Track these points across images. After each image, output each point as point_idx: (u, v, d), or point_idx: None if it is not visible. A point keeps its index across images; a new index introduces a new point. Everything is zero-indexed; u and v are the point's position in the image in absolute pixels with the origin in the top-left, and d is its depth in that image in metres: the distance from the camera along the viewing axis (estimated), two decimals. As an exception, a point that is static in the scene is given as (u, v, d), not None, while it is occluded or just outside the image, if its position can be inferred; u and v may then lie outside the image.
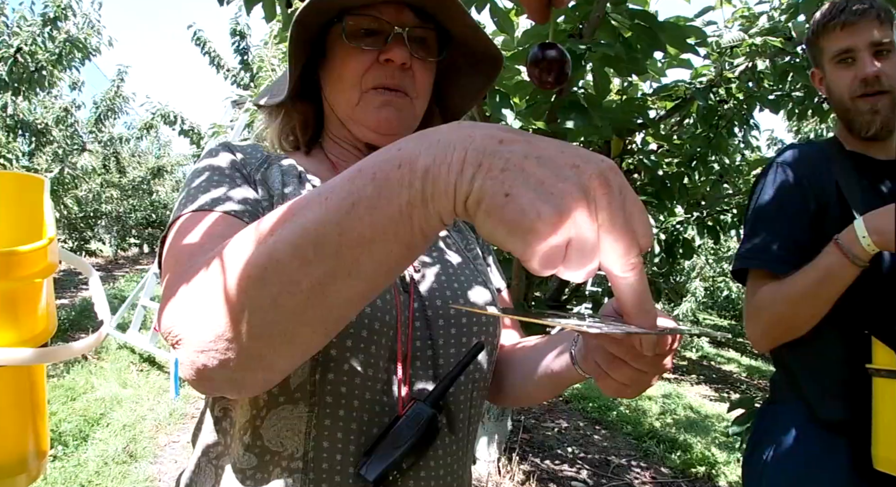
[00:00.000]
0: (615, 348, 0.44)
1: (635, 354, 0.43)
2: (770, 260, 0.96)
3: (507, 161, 0.29)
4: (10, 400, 0.46)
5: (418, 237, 0.33)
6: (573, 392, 5.10)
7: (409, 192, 0.32)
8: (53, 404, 3.38)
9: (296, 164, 0.63)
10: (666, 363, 0.44)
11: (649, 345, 0.41)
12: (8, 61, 4.93)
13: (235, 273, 0.36)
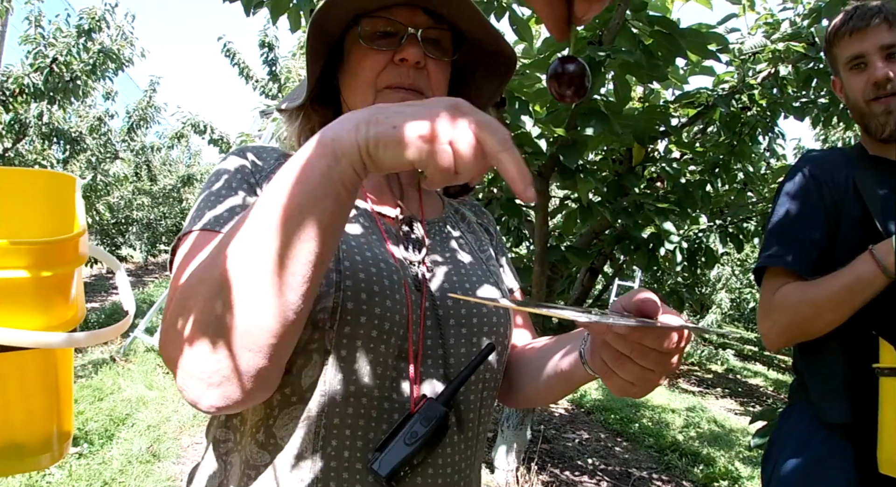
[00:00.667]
0: (621, 345, 0.44)
1: (640, 351, 0.43)
2: (788, 259, 0.98)
3: (388, 114, 0.40)
4: (38, 383, 0.49)
5: (341, 189, 0.42)
6: (595, 403, 5.04)
7: (325, 159, 0.41)
8: (81, 403, 3.48)
9: None
10: (673, 362, 0.44)
11: (654, 340, 0.41)
12: (44, 71, 5.12)
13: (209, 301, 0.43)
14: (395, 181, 0.69)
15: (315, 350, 0.53)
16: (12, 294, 0.44)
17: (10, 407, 0.49)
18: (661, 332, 0.41)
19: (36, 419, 0.50)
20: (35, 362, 0.48)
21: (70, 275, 0.47)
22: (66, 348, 0.51)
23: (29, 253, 0.43)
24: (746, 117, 2.01)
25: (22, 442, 0.49)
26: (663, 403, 5.47)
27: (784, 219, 1.02)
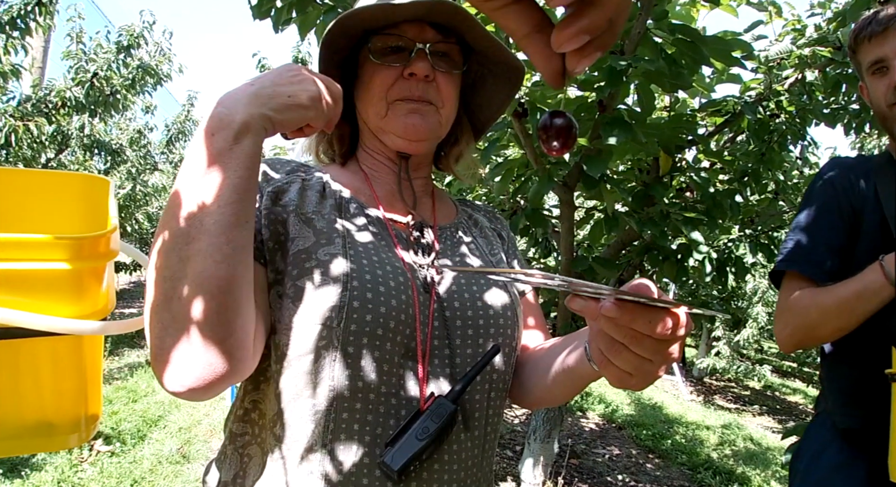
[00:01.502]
0: (614, 331, 0.42)
1: (634, 337, 0.41)
2: (804, 263, 0.98)
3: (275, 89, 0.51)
4: (69, 367, 0.53)
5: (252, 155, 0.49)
6: (627, 418, 4.93)
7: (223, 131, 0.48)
8: (115, 404, 3.61)
9: (322, 178, 0.68)
10: (672, 351, 0.43)
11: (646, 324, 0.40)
12: (85, 85, 5.38)
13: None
14: (409, 190, 0.72)
15: (324, 346, 0.55)
16: (52, 284, 0.48)
17: (42, 389, 0.53)
18: (653, 315, 0.40)
19: (66, 400, 0.54)
20: (67, 348, 0.52)
21: (102, 268, 0.51)
22: (96, 335, 0.54)
23: (68, 246, 0.48)
24: (775, 125, 1.97)
25: (53, 422, 0.53)
26: (697, 420, 5.32)
27: (801, 225, 1.02)
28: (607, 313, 0.39)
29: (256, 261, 0.58)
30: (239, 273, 0.48)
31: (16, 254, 0.46)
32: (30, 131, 4.77)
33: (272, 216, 0.61)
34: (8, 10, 4.55)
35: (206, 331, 0.46)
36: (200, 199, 0.47)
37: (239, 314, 0.48)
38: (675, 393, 6.80)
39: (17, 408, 0.52)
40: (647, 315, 0.40)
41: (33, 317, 0.46)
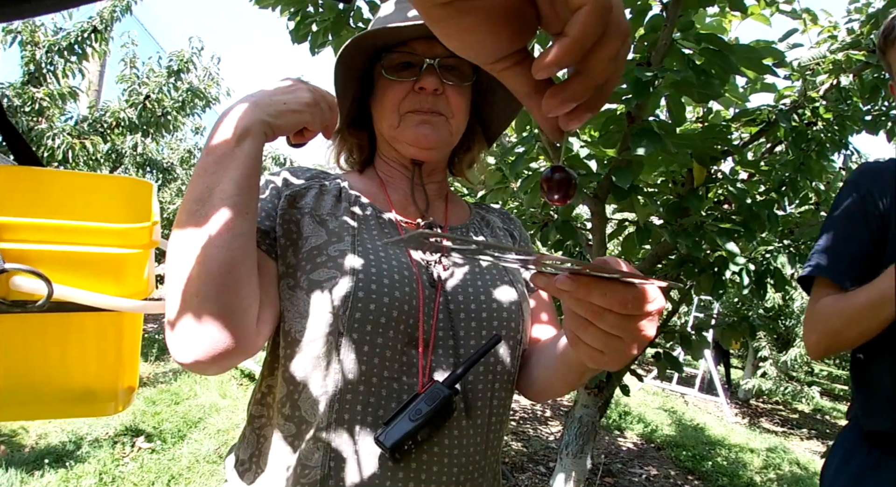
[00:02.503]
0: (577, 307, 0.42)
1: (595, 312, 0.41)
2: (830, 269, 0.98)
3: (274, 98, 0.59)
4: (112, 341, 0.59)
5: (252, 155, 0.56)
6: (666, 438, 4.79)
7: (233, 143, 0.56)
8: (159, 405, 3.76)
9: (340, 184, 0.73)
10: (642, 328, 0.42)
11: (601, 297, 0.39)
12: (138, 107, 5.72)
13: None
14: (422, 194, 0.76)
15: (331, 332, 0.59)
16: (100, 266, 0.55)
17: (87, 360, 0.59)
18: (607, 288, 0.39)
19: (107, 371, 0.60)
20: (110, 323, 0.59)
21: (144, 256, 0.58)
22: (135, 314, 0.60)
23: (115, 234, 0.55)
24: (813, 133, 1.93)
25: (95, 390, 0.60)
26: (741, 442, 5.10)
27: (829, 230, 1.01)
28: (561, 286, 0.39)
29: (268, 255, 0.64)
30: (238, 257, 0.53)
31: (71, 239, 0.53)
32: (86, 149, 5.10)
33: (287, 216, 0.66)
34: (66, 36, 4.91)
35: (208, 308, 0.52)
36: (207, 193, 0.53)
37: (238, 294, 0.54)
38: (718, 414, 6.55)
39: (65, 376, 0.59)
40: (602, 288, 0.39)
41: (84, 293, 0.52)
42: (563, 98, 0.30)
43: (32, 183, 0.67)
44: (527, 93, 0.32)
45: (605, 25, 0.28)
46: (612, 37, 0.28)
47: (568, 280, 0.39)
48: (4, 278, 0.50)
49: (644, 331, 0.42)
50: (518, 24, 0.30)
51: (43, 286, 0.50)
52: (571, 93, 0.29)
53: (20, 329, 0.56)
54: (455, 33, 0.30)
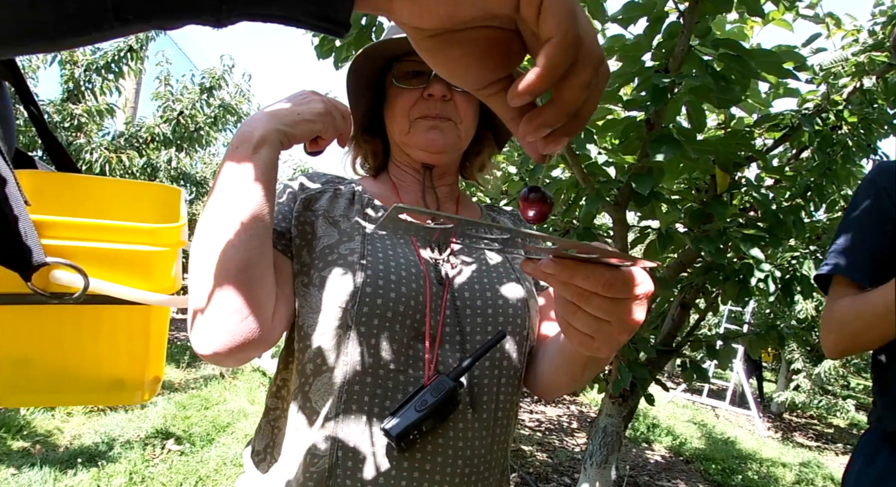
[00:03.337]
0: (563, 291, 0.42)
1: (581, 295, 0.41)
2: (847, 268, 0.96)
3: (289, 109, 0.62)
4: (140, 333, 0.64)
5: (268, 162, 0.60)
6: (695, 451, 4.68)
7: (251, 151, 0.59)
8: (189, 409, 3.86)
9: (355, 188, 0.76)
10: (630, 312, 0.41)
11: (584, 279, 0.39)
12: (172, 123, 5.94)
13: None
14: (433, 197, 0.79)
15: (340, 326, 0.62)
16: (130, 262, 0.59)
17: (118, 350, 0.64)
18: (590, 270, 0.39)
19: (136, 362, 0.65)
20: (139, 317, 0.63)
21: (173, 254, 0.62)
22: (163, 309, 0.64)
23: (145, 233, 0.59)
24: (838, 137, 1.89)
25: (123, 379, 0.64)
26: (773, 456, 4.95)
27: (846, 229, 1.00)
28: (545, 269, 0.39)
29: (284, 255, 0.68)
30: (254, 257, 0.57)
31: (106, 237, 0.58)
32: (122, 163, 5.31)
33: (302, 219, 0.70)
34: (103, 55, 5.15)
35: (226, 304, 0.55)
36: (226, 197, 0.57)
37: (255, 291, 0.57)
38: (750, 428, 6.37)
39: (97, 365, 0.64)
40: (586, 270, 0.39)
41: (117, 287, 0.57)
42: (536, 124, 0.31)
43: (71, 188, 0.73)
44: (511, 117, 0.34)
45: (576, 55, 0.29)
46: (584, 66, 0.30)
47: (552, 263, 0.39)
48: (45, 271, 0.54)
49: (632, 315, 0.42)
50: (502, 53, 0.32)
51: (80, 279, 0.55)
52: (545, 120, 0.31)
53: (57, 319, 0.61)
54: (443, 62, 0.32)
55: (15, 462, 2.69)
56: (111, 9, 0.24)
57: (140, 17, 0.25)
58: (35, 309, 0.59)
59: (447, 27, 0.30)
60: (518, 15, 0.29)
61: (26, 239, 0.52)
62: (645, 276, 0.42)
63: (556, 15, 0.28)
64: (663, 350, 2.62)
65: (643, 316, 0.42)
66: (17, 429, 3.08)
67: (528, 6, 0.29)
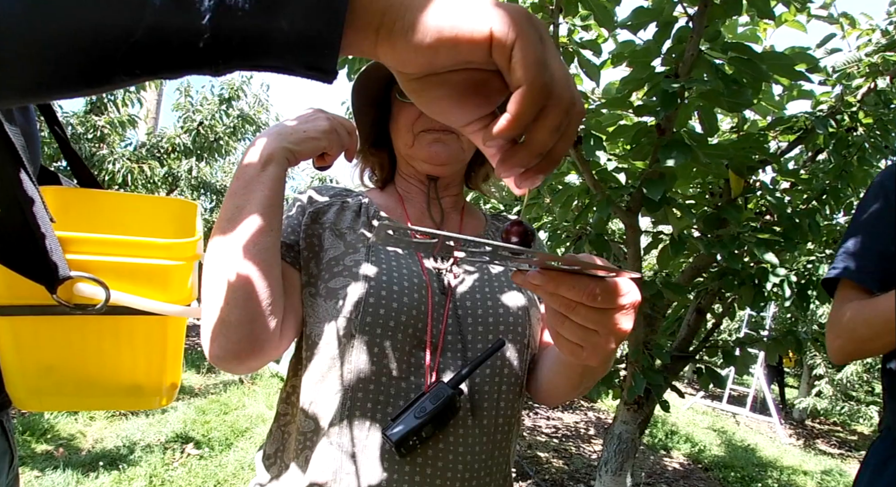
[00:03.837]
0: (551, 301, 0.43)
1: (568, 305, 0.42)
2: (855, 272, 0.95)
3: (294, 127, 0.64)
4: (157, 342, 0.67)
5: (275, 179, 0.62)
6: (714, 459, 4.61)
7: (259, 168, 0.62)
8: (208, 414, 3.92)
9: (362, 201, 0.79)
10: (617, 322, 0.43)
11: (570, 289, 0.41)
12: (192, 133, 6.08)
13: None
14: (437, 208, 0.81)
15: (345, 335, 0.64)
16: (151, 275, 0.63)
17: (136, 358, 0.67)
18: (575, 282, 0.41)
19: (153, 369, 0.68)
20: (156, 326, 0.66)
21: (189, 267, 0.65)
22: (179, 318, 0.67)
23: (161, 248, 0.62)
24: (853, 139, 1.87)
25: (142, 385, 0.68)
26: (794, 464, 4.85)
27: (854, 232, 0.99)
28: (532, 280, 0.41)
29: (293, 267, 0.70)
30: (263, 269, 0.60)
31: (126, 251, 0.61)
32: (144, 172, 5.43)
33: (309, 231, 0.73)
34: (128, 68, 5.28)
35: (237, 314, 0.58)
36: (236, 212, 0.60)
37: (263, 302, 0.60)
38: (771, 435, 6.25)
39: (117, 371, 0.67)
40: (571, 281, 0.41)
41: (136, 299, 0.60)
42: (510, 164, 0.33)
43: (93, 203, 0.77)
44: (492, 153, 0.36)
45: (545, 101, 0.31)
46: (553, 110, 0.31)
47: (538, 274, 0.41)
48: (69, 284, 0.58)
49: (619, 325, 0.43)
50: (483, 93, 0.34)
51: (101, 292, 0.58)
52: (517, 161, 0.33)
53: (80, 329, 0.64)
54: (426, 102, 0.34)
55: (39, 465, 2.77)
56: (121, 66, 0.28)
57: (146, 71, 0.28)
58: (60, 319, 0.62)
59: (428, 72, 0.32)
60: (492, 61, 0.31)
61: (52, 254, 0.55)
62: (631, 287, 0.43)
63: (524, 66, 0.30)
64: (679, 356, 2.60)
65: (630, 326, 0.43)
66: (42, 433, 3.16)
67: (499, 56, 0.31)
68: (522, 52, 0.30)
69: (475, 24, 0.30)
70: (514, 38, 0.30)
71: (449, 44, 0.30)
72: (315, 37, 0.29)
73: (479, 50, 0.30)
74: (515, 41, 0.30)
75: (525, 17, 0.31)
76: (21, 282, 0.57)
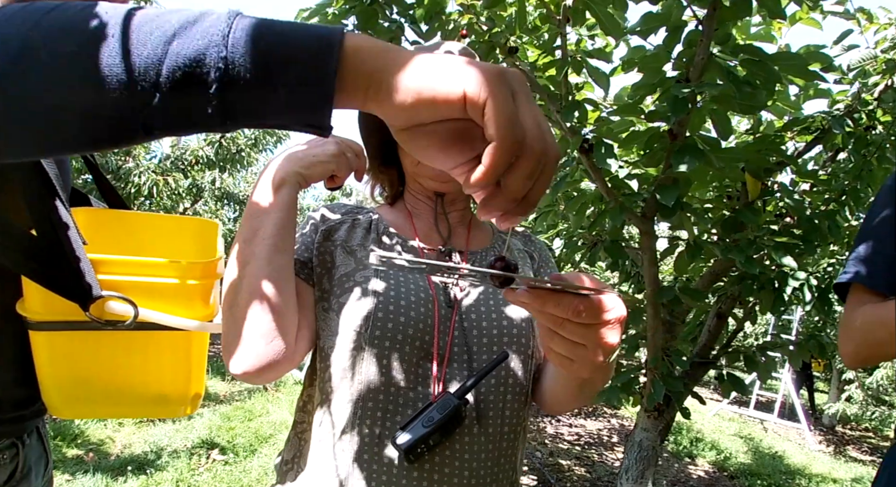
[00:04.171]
0: (539, 317, 0.46)
1: (556, 321, 0.45)
2: (867, 275, 0.93)
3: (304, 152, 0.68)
4: (182, 355, 0.72)
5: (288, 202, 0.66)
6: (740, 467, 4.53)
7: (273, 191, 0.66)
8: (233, 421, 4.00)
9: (372, 217, 0.82)
10: (603, 336, 0.45)
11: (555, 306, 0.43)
12: (215, 145, 6.23)
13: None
14: (444, 222, 0.84)
15: (355, 348, 0.68)
16: (175, 293, 0.67)
17: (163, 370, 0.72)
18: (560, 299, 0.43)
19: (179, 379, 0.73)
20: (181, 340, 0.71)
21: (209, 286, 0.69)
22: (202, 333, 0.72)
23: (187, 268, 0.67)
24: (872, 137, 1.84)
25: (168, 395, 0.72)
26: (823, 471, 4.73)
27: (865, 237, 0.98)
28: (521, 298, 0.44)
29: (306, 283, 0.74)
30: (279, 286, 0.63)
31: (152, 272, 0.66)
32: (168, 184, 5.58)
33: (322, 249, 0.76)
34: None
35: (253, 329, 0.62)
36: (252, 234, 0.64)
37: (278, 317, 0.63)
38: (800, 441, 6.11)
39: (145, 382, 0.72)
40: (556, 299, 0.43)
41: (162, 315, 0.65)
42: (488, 209, 0.37)
43: (121, 223, 0.83)
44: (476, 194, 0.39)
45: (518, 152, 0.34)
46: (526, 160, 0.34)
47: (525, 293, 0.44)
48: (101, 302, 0.63)
49: (605, 339, 0.45)
50: (465, 141, 0.37)
51: (130, 309, 0.63)
52: (495, 206, 0.36)
53: (111, 343, 0.69)
54: (415, 150, 0.38)
55: (69, 469, 2.86)
56: (142, 126, 0.33)
57: (163, 130, 0.33)
58: (92, 334, 0.67)
59: (413, 125, 0.36)
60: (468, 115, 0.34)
61: (86, 276, 0.60)
62: (616, 303, 0.45)
63: (495, 124, 0.33)
64: (700, 362, 2.57)
65: (617, 339, 0.45)
66: (72, 438, 3.27)
67: (473, 114, 0.34)
68: (493, 110, 0.33)
69: (450, 85, 0.34)
70: (486, 97, 0.33)
71: (427, 104, 0.34)
72: (309, 101, 0.33)
73: (455, 108, 0.34)
74: (487, 100, 0.33)
75: (496, 75, 0.34)
76: (56, 300, 0.62)
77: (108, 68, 0.31)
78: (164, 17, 0.33)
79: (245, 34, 0.32)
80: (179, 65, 0.32)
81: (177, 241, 0.82)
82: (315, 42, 0.33)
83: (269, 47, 0.33)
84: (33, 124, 0.33)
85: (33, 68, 0.31)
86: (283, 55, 0.33)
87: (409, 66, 0.34)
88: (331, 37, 0.34)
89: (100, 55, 0.31)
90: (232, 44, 0.32)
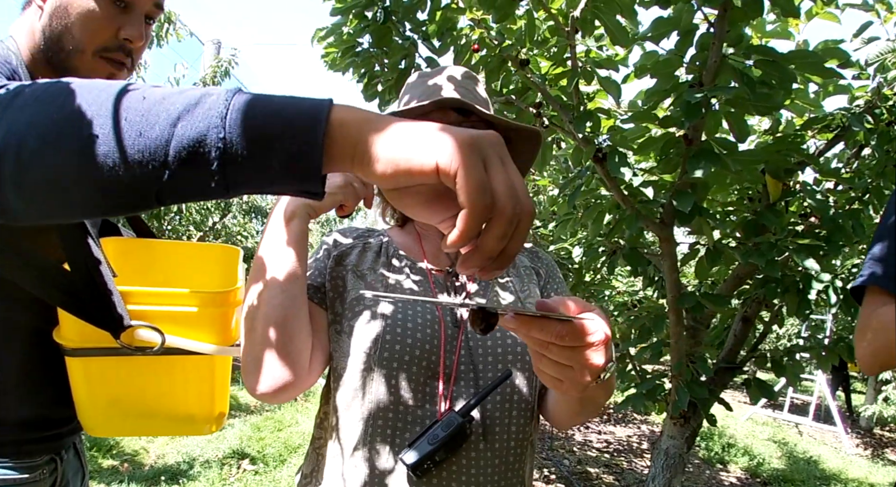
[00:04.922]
0: (528, 341, 0.48)
1: (540, 344, 0.47)
2: (884, 277, 0.90)
3: None
4: (206, 377, 0.77)
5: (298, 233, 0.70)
6: (774, 472, 4.42)
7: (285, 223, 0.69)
8: (263, 431, 4.07)
9: (383, 240, 0.85)
10: (588, 357, 0.47)
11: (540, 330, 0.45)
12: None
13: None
14: None
15: (366, 369, 0.71)
16: (199, 321, 0.72)
17: (189, 391, 0.77)
18: (543, 324, 0.46)
19: (204, 399, 0.78)
20: (205, 364, 0.76)
21: (229, 313, 0.74)
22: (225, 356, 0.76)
23: (210, 297, 0.72)
24: (895, 132, 1.80)
25: (194, 414, 0.78)
26: (860, 476, 4.59)
27: (881, 238, 0.95)
28: (508, 323, 0.46)
29: (320, 307, 0.77)
30: (292, 313, 0.67)
31: (177, 301, 0.72)
32: (195, 201, 5.72)
33: (334, 273, 0.80)
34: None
35: (270, 353, 0.66)
36: (266, 263, 0.68)
37: (293, 341, 0.67)
38: (836, 445, 5.93)
39: (172, 402, 0.77)
40: (540, 324, 0.46)
41: (187, 341, 0.69)
42: (466, 266, 0.39)
43: (149, 251, 0.88)
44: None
45: (489, 215, 0.36)
46: (497, 222, 0.37)
47: (511, 319, 0.46)
48: (131, 331, 0.69)
49: (590, 360, 0.47)
50: (448, 199, 0.40)
51: (158, 336, 0.68)
52: (473, 263, 0.39)
53: (140, 367, 0.74)
54: (402, 207, 0.42)
55: (105, 479, 2.95)
56: (155, 196, 0.38)
57: (174, 199, 0.38)
58: (123, 359, 0.72)
59: (397, 187, 0.40)
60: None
61: (117, 308, 0.66)
62: (599, 326, 0.47)
63: (465, 192, 0.36)
64: (727, 367, 2.53)
65: (602, 361, 0.47)
66: (108, 449, 3.37)
67: (446, 181, 0.37)
68: (463, 179, 0.36)
69: (423, 157, 0.37)
70: (457, 167, 0.36)
71: (404, 173, 0.37)
72: (301, 172, 0.37)
73: (429, 177, 0.37)
74: (458, 170, 0.36)
75: (467, 145, 0.37)
76: (90, 329, 0.68)
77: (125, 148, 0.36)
78: (170, 100, 0.38)
79: (240, 115, 0.36)
80: (184, 145, 0.36)
81: (200, 267, 0.87)
82: (304, 118, 0.37)
83: (263, 124, 0.36)
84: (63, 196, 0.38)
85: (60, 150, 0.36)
86: (275, 132, 0.36)
87: (387, 138, 0.38)
88: (318, 113, 0.37)
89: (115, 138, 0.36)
90: (229, 124, 0.36)
